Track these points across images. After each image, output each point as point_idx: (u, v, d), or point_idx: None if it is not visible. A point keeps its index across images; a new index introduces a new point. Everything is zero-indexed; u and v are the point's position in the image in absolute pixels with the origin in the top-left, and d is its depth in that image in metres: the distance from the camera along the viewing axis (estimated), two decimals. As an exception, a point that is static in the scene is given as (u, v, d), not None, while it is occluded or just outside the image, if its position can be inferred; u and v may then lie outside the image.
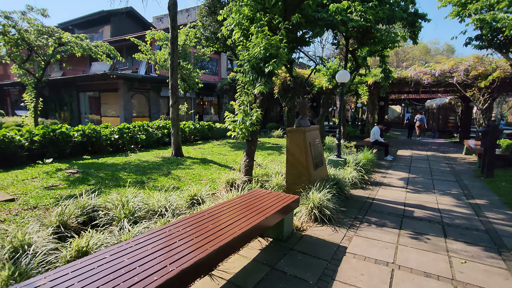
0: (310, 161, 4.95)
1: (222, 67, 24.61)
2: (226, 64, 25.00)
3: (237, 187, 4.94)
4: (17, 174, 5.48)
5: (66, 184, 5.01)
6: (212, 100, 24.43)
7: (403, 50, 27.01)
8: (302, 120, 5.15)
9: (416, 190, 6.04)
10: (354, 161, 6.89)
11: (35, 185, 4.82)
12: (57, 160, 7.12)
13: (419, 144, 14.90)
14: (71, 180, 5.23)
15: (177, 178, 5.88)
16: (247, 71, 5.34)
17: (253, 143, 5.37)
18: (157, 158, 7.91)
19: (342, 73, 6.66)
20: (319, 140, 5.51)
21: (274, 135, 15.34)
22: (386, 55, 9.70)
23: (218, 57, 24.15)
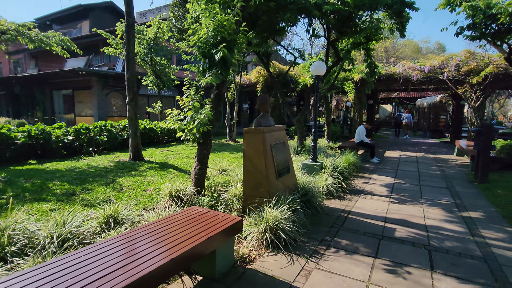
0: (271, 168, 4.06)
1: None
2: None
3: (183, 201, 4.03)
4: None
5: (-33, 198, 4.02)
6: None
7: (393, 47, 26.38)
8: (262, 119, 4.27)
9: (401, 199, 5.20)
10: (332, 165, 6.03)
11: None
12: (-13, 166, 6.11)
13: (409, 144, 14.17)
14: (-21, 193, 4.25)
15: (118, 188, 4.94)
16: (198, 59, 4.45)
17: (206, 147, 4.46)
18: (111, 162, 6.94)
19: (317, 65, 5.80)
20: (285, 142, 4.63)
21: (257, 135, 14.44)
22: (371, 48, 8.89)
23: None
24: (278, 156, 4.28)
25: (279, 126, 4.53)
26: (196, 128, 4.24)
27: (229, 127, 12.38)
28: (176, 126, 4.22)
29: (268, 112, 4.35)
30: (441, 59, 11.13)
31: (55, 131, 7.88)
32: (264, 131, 4.01)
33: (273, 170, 4.10)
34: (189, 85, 4.47)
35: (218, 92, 4.52)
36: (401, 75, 11.51)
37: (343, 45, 8.84)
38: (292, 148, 8.98)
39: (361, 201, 5.09)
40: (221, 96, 4.53)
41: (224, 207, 4.07)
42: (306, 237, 3.51)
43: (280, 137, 4.46)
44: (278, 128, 4.46)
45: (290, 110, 8.65)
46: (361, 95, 12.57)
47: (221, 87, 4.55)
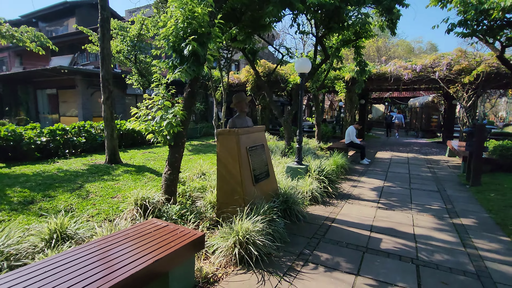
0: (247, 173, 3.71)
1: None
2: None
3: (149, 210, 3.65)
4: None
5: None
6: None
7: (386, 47, 26.24)
8: (237, 119, 3.91)
9: (390, 205, 4.89)
10: (318, 168, 5.70)
11: None
12: None
13: (401, 144, 13.96)
14: None
15: (84, 195, 4.53)
16: (169, 54, 4.08)
17: (178, 150, 4.09)
18: (85, 166, 6.51)
19: (301, 62, 5.46)
20: (265, 144, 4.28)
21: (246, 136, 14.08)
22: (361, 45, 8.60)
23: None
24: (256, 160, 3.93)
25: (257, 127, 4.17)
26: (166, 130, 3.87)
27: (216, 128, 11.99)
28: (142, 127, 3.83)
29: (244, 111, 3.99)
30: (433, 58, 10.91)
31: (27, 132, 7.41)
32: (239, 132, 3.65)
33: (249, 175, 3.75)
34: (158, 82, 4.08)
35: (191, 90, 4.15)
36: (392, 74, 11.26)
37: (332, 43, 8.54)
38: (279, 149, 8.65)
39: (347, 207, 4.76)
40: (194, 94, 4.16)
41: (196, 216, 3.70)
42: (283, 251, 3.16)
43: (258, 139, 4.11)
44: (256, 129, 4.10)
45: (277, 110, 8.31)
46: (352, 95, 12.30)
47: (194, 85, 4.18)
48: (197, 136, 14.23)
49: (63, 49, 21.13)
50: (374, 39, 24.45)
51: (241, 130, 3.70)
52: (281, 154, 8.18)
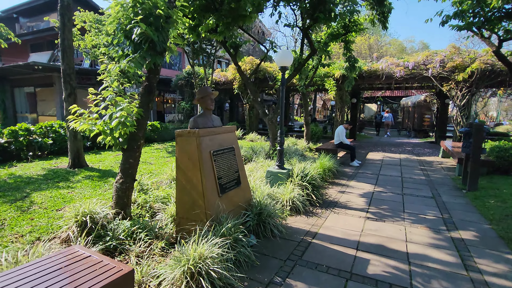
0: (210, 182, 3.11)
1: (187, 61, 22.49)
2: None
3: (94, 227, 3.02)
4: None
5: None
6: (176, 97, 22.27)
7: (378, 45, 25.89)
8: (200, 118, 3.30)
9: (380, 214, 4.35)
10: (302, 172, 5.13)
11: None
12: None
13: (393, 144, 13.53)
14: None
15: (26, 207, 3.87)
16: (121, 42, 3.48)
17: (132, 154, 3.46)
18: (44, 170, 5.83)
19: (282, 54, 4.88)
20: (236, 147, 3.68)
21: (233, 136, 13.47)
22: (351, 40, 8.08)
23: (182, 50, 22.02)
24: (223, 166, 3.33)
25: (226, 127, 3.57)
26: (116, 130, 3.26)
27: (200, 128, 11.34)
28: (84, 127, 3.20)
29: (209, 109, 3.39)
30: (425, 55, 10.47)
31: (-18, 133, 6.68)
32: (200, 134, 3.05)
33: (214, 185, 3.15)
34: (108, 74, 3.45)
35: (148, 85, 3.53)
36: (384, 71, 10.79)
37: (320, 37, 8.00)
38: (264, 151, 8.07)
39: (332, 217, 4.20)
40: (152, 89, 3.54)
41: (151, 234, 3.09)
42: (248, 280, 2.57)
43: (226, 141, 3.51)
44: (224, 130, 3.50)
45: (261, 109, 7.73)
46: (343, 93, 11.80)
47: (153, 78, 3.56)
48: (182, 136, 13.55)
49: (43, 45, 20.22)
50: (365, 37, 24.09)
51: (203, 131, 3.10)
52: (265, 156, 7.60)
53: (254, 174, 5.45)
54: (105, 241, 2.89)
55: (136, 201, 4.03)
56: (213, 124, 3.40)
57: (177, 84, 15.55)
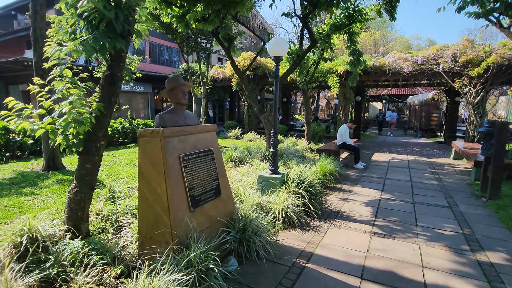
0: (179, 194, 2.50)
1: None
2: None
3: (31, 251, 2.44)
4: None
5: None
6: (175, 95, 21.65)
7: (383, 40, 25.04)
8: (169, 114, 2.69)
9: (389, 229, 3.72)
10: (299, 177, 4.50)
11: None
12: None
13: (399, 145, 12.81)
14: None
15: (-30, 218, 3.30)
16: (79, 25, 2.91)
17: (90, 158, 2.87)
18: (15, 173, 5.29)
19: (275, 42, 4.25)
20: (215, 150, 3.07)
21: (231, 135, 12.87)
22: (355, 31, 7.42)
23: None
24: (197, 174, 2.72)
25: (202, 127, 2.95)
26: (65, 129, 2.67)
27: (195, 126, 10.75)
28: (24, 126, 2.61)
29: (181, 103, 2.78)
30: (436, 49, 9.75)
31: (-47, 132, 6.16)
32: (166, 133, 2.44)
33: (183, 197, 2.54)
34: (57, 61, 2.85)
35: (109, 74, 2.93)
36: (391, 67, 10.09)
37: (321, 29, 7.35)
38: (261, 152, 7.45)
39: (333, 232, 3.57)
40: (114, 80, 2.93)
41: (106, 258, 2.50)
42: (217, 327, 1.96)
43: (202, 143, 2.89)
44: (200, 129, 2.89)
45: (257, 106, 7.12)
46: (346, 90, 11.12)
47: (116, 67, 2.96)
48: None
49: (39, 42, 19.75)
50: (371, 32, 23.31)
51: (169, 130, 2.49)
52: (261, 158, 6.98)
53: (246, 179, 4.84)
54: (43, 268, 2.30)
55: (102, 212, 3.45)
56: (186, 123, 2.79)
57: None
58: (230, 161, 6.86)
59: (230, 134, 12.85)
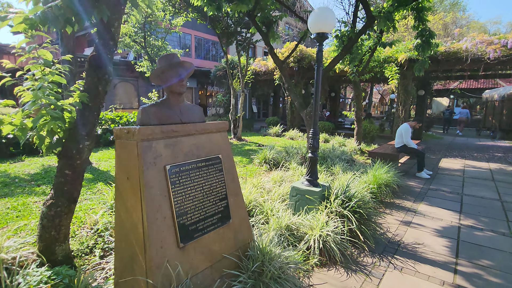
0: (161, 224, 1.72)
1: (231, 52, 21.60)
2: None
3: None
4: None
5: None
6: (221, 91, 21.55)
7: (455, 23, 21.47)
8: (156, 108, 1.91)
9: (480, 280, 2.50)
10: (345, 191, 3.44)
11: None
12: None
13: (473, 148, 10.60)
14: None
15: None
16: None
17: (70, 162, 2.26)
18: (41, 168, 5.16)
19: (318, 13, 3.21)
20: (224, 157, 2.22)
21: (271, 132, 12.00)
22: (426, 6, 5.96)
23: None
24: (193, 192, 1.91)
25: (206, 125, 2.11)
26: (34, 124, 2.10)
27: (233, 122, 10.14)
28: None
29: (176, 93, 1.98)
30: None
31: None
32: (143, 135, 1.67)
33: (168, 227, 1.75)
34: (28, 36, 2.27)
35: (95, 55, 2.27)
36: (469, 52, 8.16)
37: (381, 6, 6.02)
38: (301, 153, 6.46)
39: (392, 278, 2.50)
40: (101, 62, 2.27)
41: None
42: None
43: (203, 147, 2.07)
44: (200, 129, 2.06)
45: (297, 99, 6.13)
46: (408, 83, 9.42)
47: (103, 46, 2.29)
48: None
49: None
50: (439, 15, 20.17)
51: (149, 130, 1.71)
52: (300, 160, 5.99)
53: (277, 188, 3.94)
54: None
55: (97, 225, 2.88)
56: (181, 119, 2.00)
57: (216, 76, 14.61)
58: (264, 163, 6.01)
59: (271, 131, 11.98)
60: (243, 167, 5.98)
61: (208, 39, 21.00)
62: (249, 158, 6.88)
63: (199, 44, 20.78)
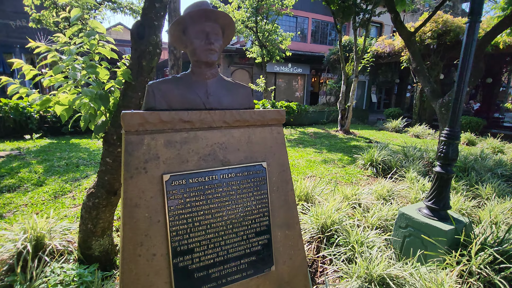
0: (152, 264, 1.11)
1: (351, 33, 19.43)
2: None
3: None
4: None
5: None
6: (334, 77, 19.98)
7: None
8: (170, 84, 1.27)
9: None
10: (502, 237, 1.99)
11: None
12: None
13: None
14: None
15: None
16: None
17: (110, 150, 1.99)
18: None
19: None
20: (275, 164, 1.40)
21: (389, 127, 9.90)
22: None
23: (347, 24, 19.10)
24: (207, 219, 1.21)
25: (243, 114, 1.33)
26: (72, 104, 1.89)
27: (341, 112, 8.83)
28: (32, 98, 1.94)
29: (203, 62, 1.29)
30: None
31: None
32: (128, 124, 1.08)
33: (161, 270, 1.13)
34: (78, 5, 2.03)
35: (138, 22, 1.87)
36: None
37: None
38: (427, 157, 4.80)
39: None
40: (144, 31, 1.85)
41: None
42: None
43: (237, 148, 1.31)
44: (231, 120, 1.29)
45: (429, 86, 4.42)
46: None
47: (149, 12, 1.86)
48: (322, 121, 11.46)
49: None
50: None
51: (141, 117, 1.10)
52: (424, 169, 4.36)
53: (378, 208, 2.79)
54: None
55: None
56: (207, 103, 1.30)
57: (329, 60, 13.28)
58: (370, 166, 4.71)
59: (389, 126, 9.91)
60: (341, 167, 4.88)
61: (326, 21, 19.49)
62: (351, 156, 5.65)
63: (317, 28, 19.56)
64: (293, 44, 14.94)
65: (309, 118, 11.06)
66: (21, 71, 1.95)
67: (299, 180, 3.30)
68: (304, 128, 9.94)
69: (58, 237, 2.05)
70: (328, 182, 3.98)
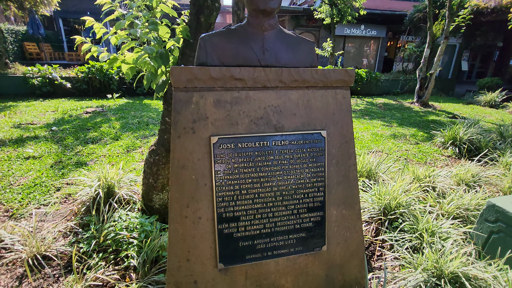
0: (198, 227, 1.09)
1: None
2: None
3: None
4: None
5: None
6: (416, 40, 17.34)
7: None
8: (222, 37, 1.13)
9: None
10: None
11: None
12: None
13: None
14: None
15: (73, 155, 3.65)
16: None
17: (169, 109, 2.04)
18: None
19: None
20: (337, 132, 1.20)
21: (481, 100, 8.28)
22: None
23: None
24: (256, 187, 1.12)
25: (303, 73, 1.13)
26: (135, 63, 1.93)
27: (420, 82, 7.68)
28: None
29: (260, 11, 1.11)
30: None
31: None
32: (182, 81, 1.01)
33: (206, 234, 1.10)
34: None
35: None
36: None
37: None
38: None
39: None
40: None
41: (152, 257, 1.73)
42: None
43: (289, 113, 1.14)
44: (288, 80, 1.11)
45: None
46: None
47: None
48: (395, 91, 10.20)
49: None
50: None
51: (190, 73, 1.01)
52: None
53: (458, 195, 2.37)
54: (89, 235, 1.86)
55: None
56: (262, 59, 1.14)
57: (413, 20, 11.41)
58: (451, 145, 4.03)
59: (481, 99, 8.29)
60: (413, 144, 4.30)
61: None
62: (428, 133, 4.92)
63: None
64: (368, 1, 13.19)
65: (380, 88, 9.97)
66: (104, 37, 2.00)
67: (362, 155, 2.99)
68: (372, 98, 9.02)
69: (126, 187, 2.26)
70: (397, 159, 3.56)
